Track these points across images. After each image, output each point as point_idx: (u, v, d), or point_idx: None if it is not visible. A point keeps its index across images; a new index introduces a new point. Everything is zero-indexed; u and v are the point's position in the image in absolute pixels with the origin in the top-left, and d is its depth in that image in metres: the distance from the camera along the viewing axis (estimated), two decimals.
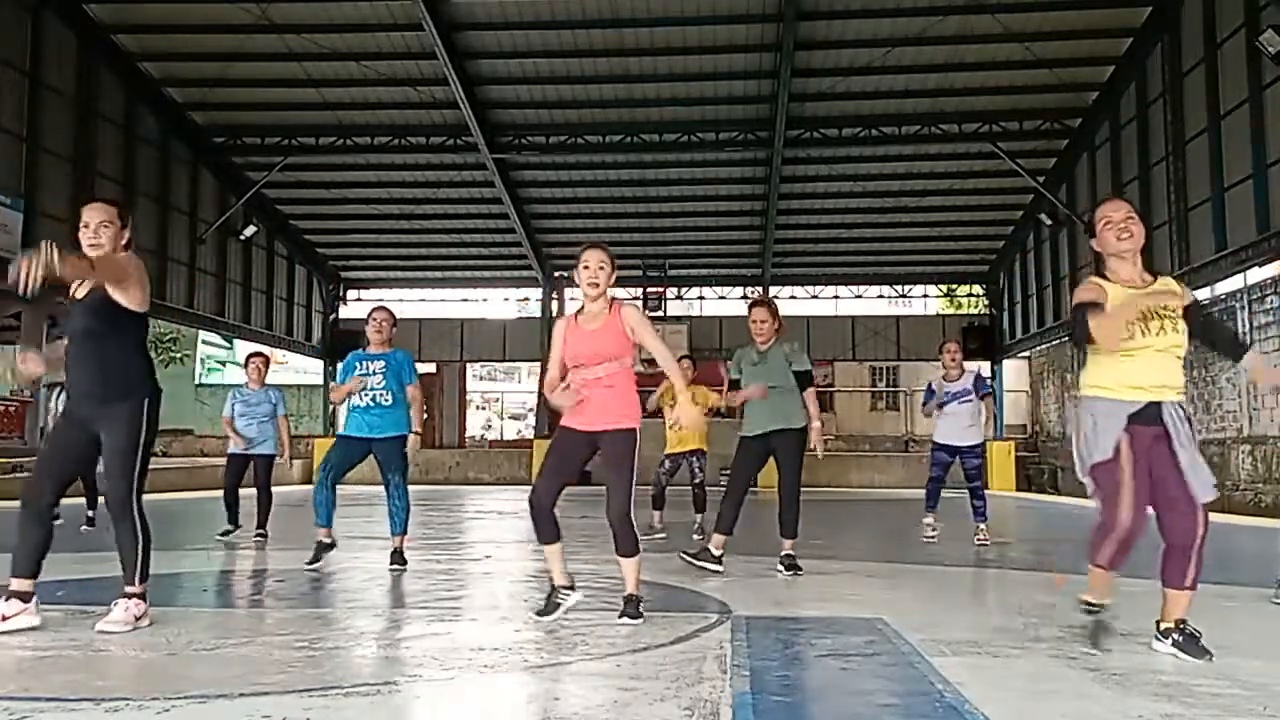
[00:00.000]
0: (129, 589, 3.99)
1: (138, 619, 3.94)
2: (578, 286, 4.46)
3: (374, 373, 6.17)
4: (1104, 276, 3.84)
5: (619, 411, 4.31)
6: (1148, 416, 3.64)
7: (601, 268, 4.33)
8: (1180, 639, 3.58)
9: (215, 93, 18.93)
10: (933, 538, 8.04)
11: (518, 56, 17.78)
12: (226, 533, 8.03)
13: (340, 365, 6.54)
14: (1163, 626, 3.66)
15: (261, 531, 7.98)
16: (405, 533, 6.23)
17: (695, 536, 8.00)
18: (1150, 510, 3.63)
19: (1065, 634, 4.00)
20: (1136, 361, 3.68)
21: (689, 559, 5.94)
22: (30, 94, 15.48)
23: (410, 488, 6.41)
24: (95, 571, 6.05)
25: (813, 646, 3.74)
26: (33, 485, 4.06)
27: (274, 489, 8.35)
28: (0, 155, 14.97)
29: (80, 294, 4.04)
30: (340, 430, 6.35)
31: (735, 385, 6.11)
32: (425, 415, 7.08)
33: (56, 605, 4.39)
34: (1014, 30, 16.38)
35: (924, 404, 8.45)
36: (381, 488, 6.24)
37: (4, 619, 3.80)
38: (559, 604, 4.22)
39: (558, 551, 4.31)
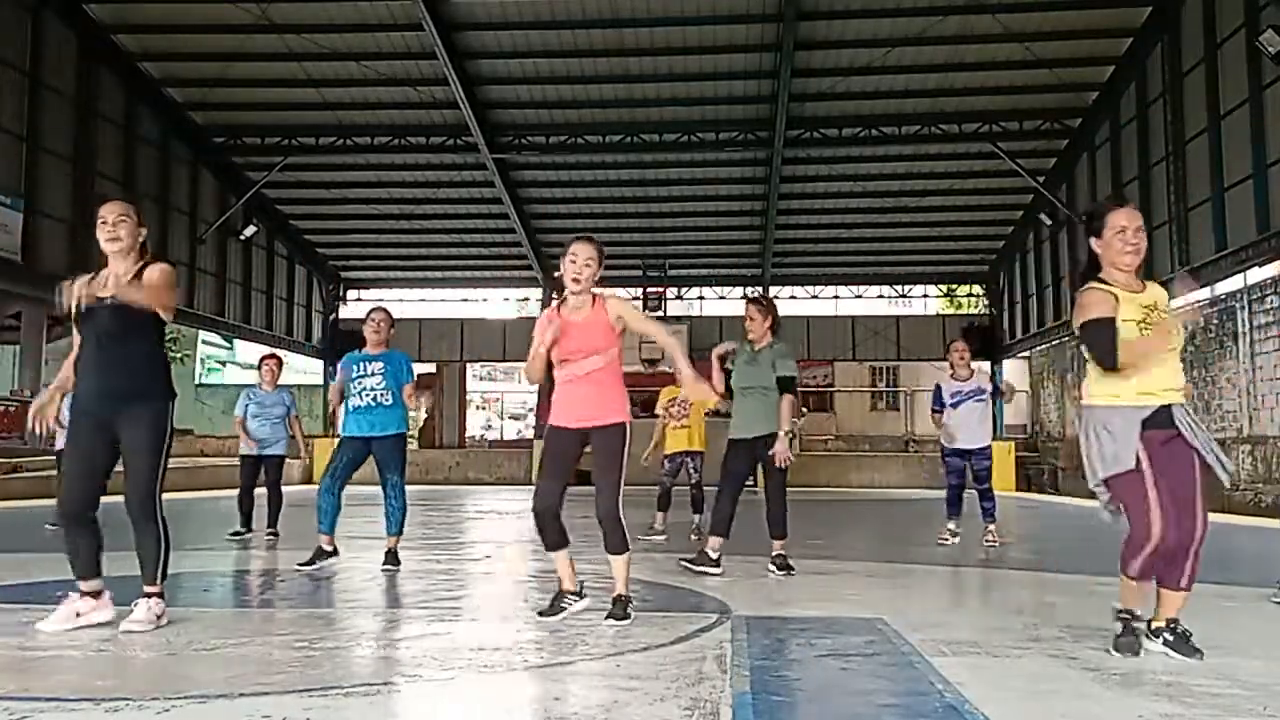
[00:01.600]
0: (149, 589, 4.00)
1: (159, 617, 3.95)
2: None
3: (374, 373, 6.18)
4: (1099, 280, 3.80)
5: (609, 406, 4.27)
6: (1160, 421, 3.60)
7: (588, 263, 4.21)
8: (1172, 639, 3.57)
9: (215, 93, 18.94)
10: (946, 541, 7.86)
11: (518, 56, 17.79)
12: (237, 534, 8.04)
13: (339, 365, 6.53)
14: (1154, 625, 3.64)
15: (273, 530, 8.03)
16: (401, 533, 6.22)
17: (693, 537, 8.01)
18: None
19: (1065, 634, 3.99)
20: (1144, 367, 3.63)
21: (687, 565, 5.92)
22: (30, 94, 15.48)
23: (410, 488, 6.41)
24: None
25: (813, 646, 3.74)
26: (66, 498, 4.06)
27: (287, 488, 8.37)
28: (0, 155, 14.96)
29: (102, 294, 4.04)
30: (341, 431, 6.33)
31: (728, 375, 6.02)
32: (427, 415, 7.09)
33: (56, 605, 4.39)
34: (1014, 30, 16.38)
35: (934, 409, 8.14)
36: (380, 488, 6.23)
37: (78, 615, 3.91)
38: (564, 608, 4.20)
39: (565, 557, 4.27)
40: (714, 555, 5.87)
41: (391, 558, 6.09)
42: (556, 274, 4.47)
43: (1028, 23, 16.48)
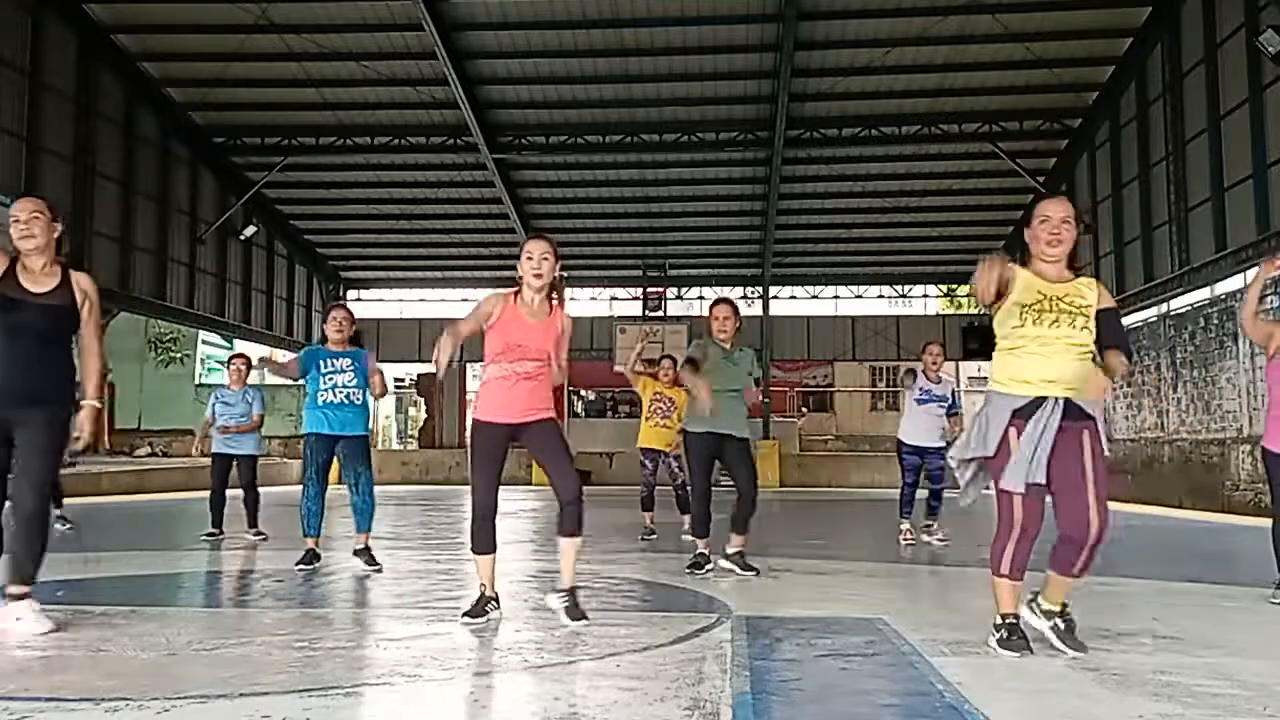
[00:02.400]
0: (21, 590, 3.87)
1: (30, 617, 3.85)
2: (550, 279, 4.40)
3: (344, 369, 6.15)
4: (1025, 265, 3.79)
5: (544, 403, 4.36)
6: (1030, 411, 3.58)
7: (545, 258, 4.28)
8: (1062, 625, 3.63)
9: (215, 93, 18.94)
10: (913, 542, 7.87)
11: (518, 56, 17.79)
12: (211, 535, 7.96)
13: (301, 355, 6.40)
14: (1045, 606, 3.68)
15: (259, 532, 7.99)
16: (370, 530, 6.21)
17: (685, 537, 8.06)
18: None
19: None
20: (1022, 357, 3.65)
21: (690, 571, 5.90)
22: (30, 94, 15.48)
23: (411, 488, 6.41)
24: (95, 571, 6.06)
25: (813, 646, 3.74)
26: None
27: (277, 489, 8.36)
28: (0, 155, 14.96)
29: (38, 291, 3.97)
30: (306, 428, 6.19)
31: (695, 366, 5.80)
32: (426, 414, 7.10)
33: (56, 605, 4.39)
34: (1014, 30, 16.38)
35: (906, 383, 8.27)
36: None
37: None
38: (487, 613, 4.21)
39: (491, 562, 4.28)
40: (706, 551, 5.91)
41: (366, 554, 6.07)
42: (556, 274, 4.47)
43: (1028, 23, 16.48)
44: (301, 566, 5.97)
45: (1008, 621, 3.61)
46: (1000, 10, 16.06)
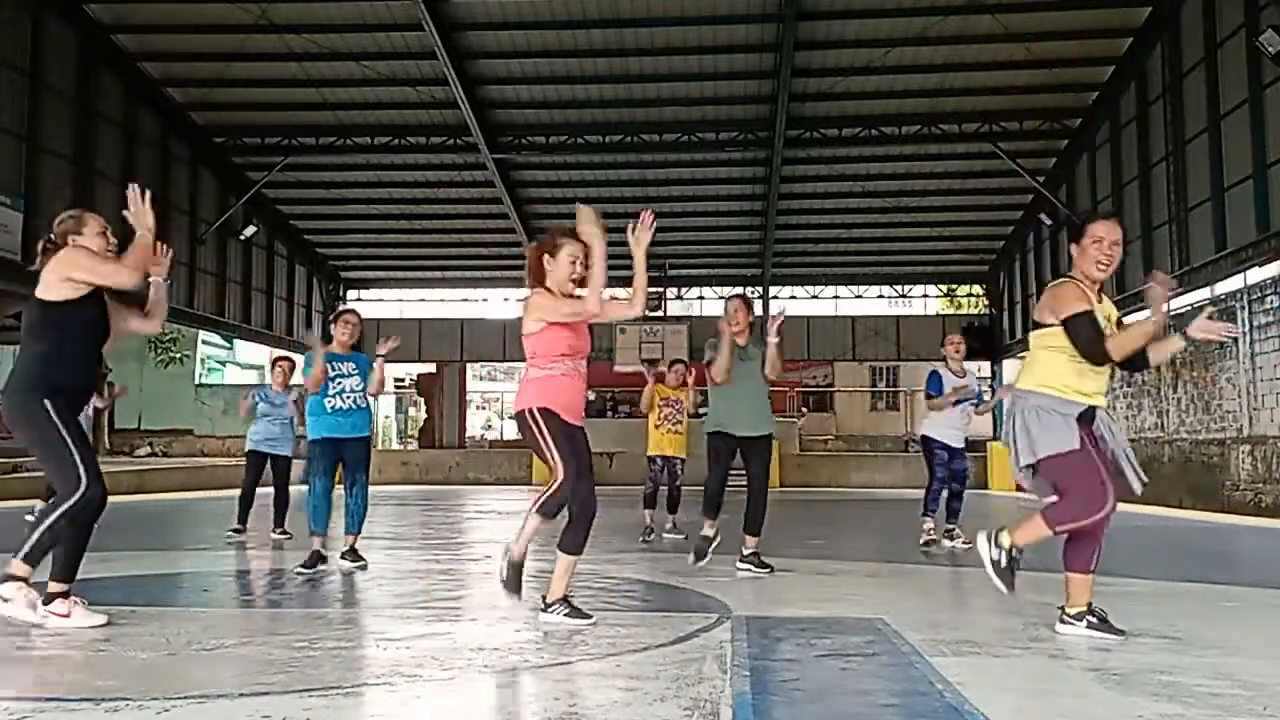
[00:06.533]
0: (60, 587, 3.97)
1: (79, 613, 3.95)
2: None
3: (350, 374, 6.15)
4: (1072, 278, 3.96)
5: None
6: (1087, 419, 3.87)
7: (586, 265, 4.34)
8: (1096, 620, 3.87)
9: (215, 93, 18.93)
10: (935, 539, 7.55)
11: (518, 56, 17.78)
12: (236, 530, 8.07)
13: (303, 359, 6.40)
14: (1075, 611, 3.90)
15: (285, 531, 8.01)
16: (360, 532, 6.21)
17: (667, 535, 8.19)
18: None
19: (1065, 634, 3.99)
20: (1084, 372, 3.88)
21: (699, 562, 5.92)
22: (30, 94, 15.47)
23: (411, 488, 6.43)
24: (95, 572, 6.05)
25: (813, 646, 3.74)
26: None
27: (292, 488, 8.37)
28: (0, 155, 14.96)
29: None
30: (312, 433, 6.16)
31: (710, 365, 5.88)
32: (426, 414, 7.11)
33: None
34: (1014, 30, 16.37)
35: (930, 394, 7.80)
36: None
37: None
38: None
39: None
40: (711, 533, 5.93)
41: (353, 554, 6.08)
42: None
43: (1028, 23, 16.47)
44: (302, 570, 5.89)
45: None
46: (1000, 10, 16.05)
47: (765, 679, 3.19)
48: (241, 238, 21.60)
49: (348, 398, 6.11)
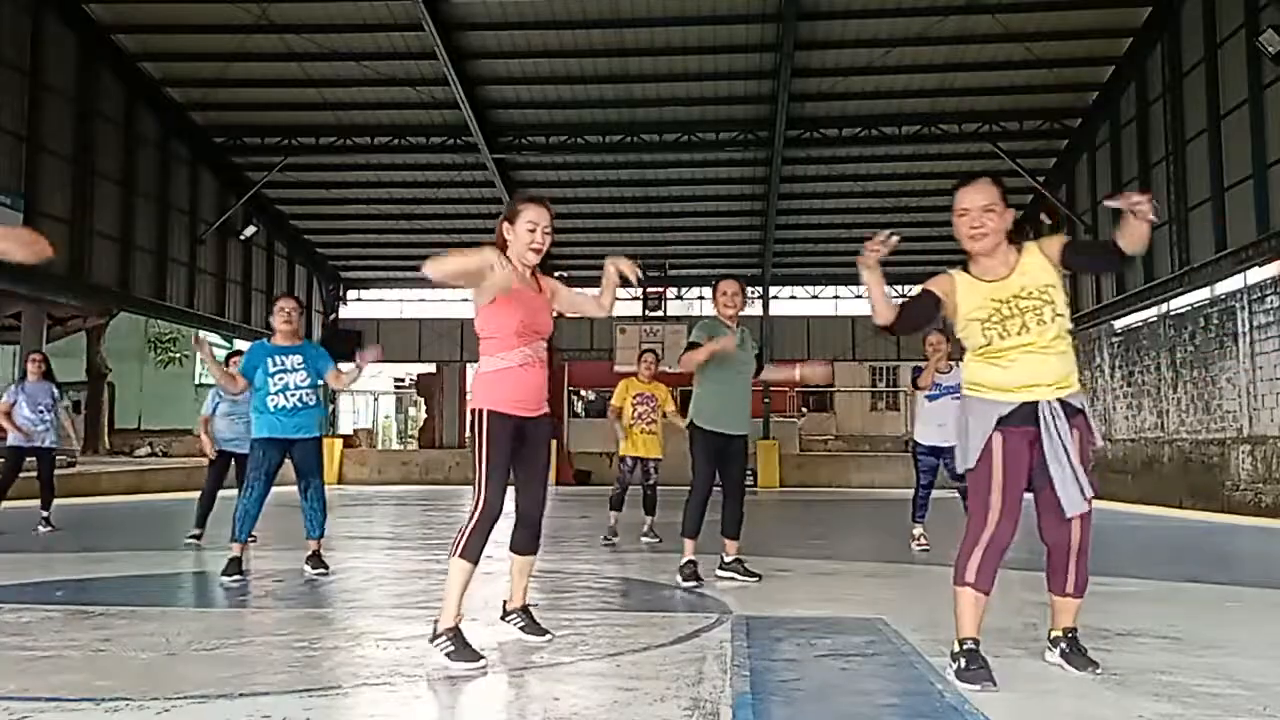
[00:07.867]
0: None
1: None
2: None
3: (295, 368, 5.66)
4: (964, 268, 3.45)
5: (546, 392, 3.92)
6: (1019, 418, 3.21)
7: (548, 232, 3.79)
8: (1067, 648, 3.33)
9: (215, 93, 18.93)
10: (927, 547, 7.54)
11: (518, 56, 17.78)
12: (195, 538, 7.62)
13: (244, 356, 5.86)
14: (1052, 635, 3.41)
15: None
16: (323, 535, 5.97)
17: (645, 539, 7.93)
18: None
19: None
20: (1004, 365, 3.27)
21: (687, 587, 5.42)
22: (30, 94, 15.47)
23: (411, 488, 6.41)
24: (95, 572, 6.06)
25: (813, 646, 3.74)
26: None
27: (273, 489, 8.29)
28: (0, 155, 14.96)
29: None
30: (256, 433, 5.74)
31: (694, 348, 5.48)
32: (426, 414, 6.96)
33: (56, 605, 4.39)
34: (1014, 30, 16.38)
35: (914, 380, 7.84)
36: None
37: None
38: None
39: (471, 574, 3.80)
40: (694, 559, 5.50)
41: (316, 560, 5.85)
42: (557, 274, 4.37)
43: (1028, 23, 16.48)
44: (228, 579, 5.49)
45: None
46: (1000, 10, 16.05)
47: (765, 679, 3.19)
48: (241, 238, 21.60)
49: (291, 395, 5.62)
